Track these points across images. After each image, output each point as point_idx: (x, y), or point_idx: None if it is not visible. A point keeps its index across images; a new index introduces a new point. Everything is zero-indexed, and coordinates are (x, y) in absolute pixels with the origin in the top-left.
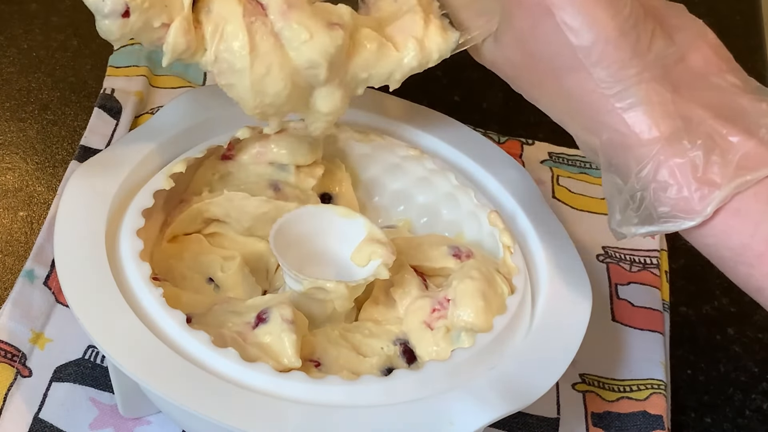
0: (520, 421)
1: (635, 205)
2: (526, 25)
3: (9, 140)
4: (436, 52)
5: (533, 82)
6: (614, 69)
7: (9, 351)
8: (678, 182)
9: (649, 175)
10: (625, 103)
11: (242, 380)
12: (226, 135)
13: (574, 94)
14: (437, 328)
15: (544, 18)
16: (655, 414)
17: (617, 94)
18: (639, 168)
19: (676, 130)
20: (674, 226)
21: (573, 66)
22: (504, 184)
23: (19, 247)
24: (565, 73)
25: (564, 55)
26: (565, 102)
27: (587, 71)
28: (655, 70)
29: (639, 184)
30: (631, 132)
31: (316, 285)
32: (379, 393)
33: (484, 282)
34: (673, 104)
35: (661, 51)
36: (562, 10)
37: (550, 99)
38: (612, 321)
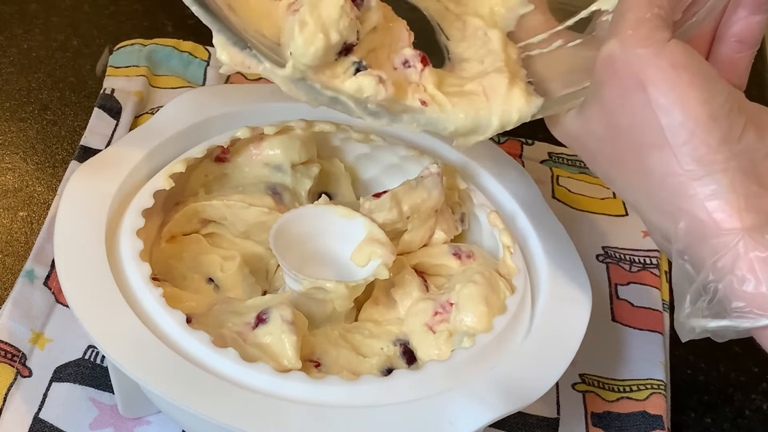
0: (520, 421)
1: (707, 297)
2: (617, 97)
3: (9, 140)
4: (516, 114)
5: (613, 158)
6: (701, 153)
7: (9, 351)
8: (757, 277)
9: (726, 267)
10: (709, 190)
11: (242, 380)
12: (226, 135)
13: (655, 174)
14: (439, 332)
15: (636, 92)
16: (655, 414)
17: (701, 179)
18: (716, 258)
19: (759, 223)
20: (749, 323)
21: (658, 144)
22: (504, 184)
23: (19, 247)
24: (649, 150)
25: (651, 132)
26: (644, 182)
27: (672, 151)
28: (743, 162)
29: (714, 275)
30: (711, 220)
31: (315, 285)
32: (379, 393)
33: (487, 287)
34: (759, 197)
35: (752, 144)
36: (655, 85)
37: (629, 177)
38: (612, 321)
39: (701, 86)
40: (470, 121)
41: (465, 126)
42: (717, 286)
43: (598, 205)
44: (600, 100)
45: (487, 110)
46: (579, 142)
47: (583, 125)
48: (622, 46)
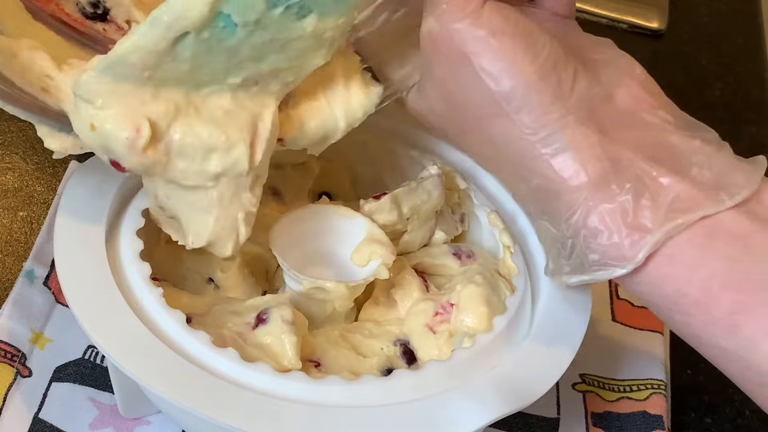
0: (520, 421)
1: (566, 252)
2: (446, 73)
3: (9, 140)
4: (360, 111)
5: (458, 132)
6: (537, 114)
7: (9, 351)
8: (608, 228)
9: (579, 222)
10: (551, 149)
11: (242, 380)
12: None
13: (499, 142)
14: (440, 333)
15: (463, 65)
16: (655, 414)
17: (542, 139)
18: (568, 215)
19: (604, 174)
20: (606, 274)
21: (495, 113)
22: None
23: (19, 247)
24: (488, 120)
25: (486, 103)
26: (491, 150)
27: (510, 118)
28: (579, 113)
29: (569, 232)
30: (558, 177)
31: (315, 285)
32: (379, 393)
33: (488, 288)
34: (601, 147)
35: (585, 92)
36: (479, 56)
37: (477, 148)
38: (612, 321)
39: (524, 47)
40: (321, 132)
41: (317, 137)
42: (573, 241)
43: None
44: (432, 78)
45: (332, 116)
46: (426, 119)
47: (424, 104)
48: (439, 22)
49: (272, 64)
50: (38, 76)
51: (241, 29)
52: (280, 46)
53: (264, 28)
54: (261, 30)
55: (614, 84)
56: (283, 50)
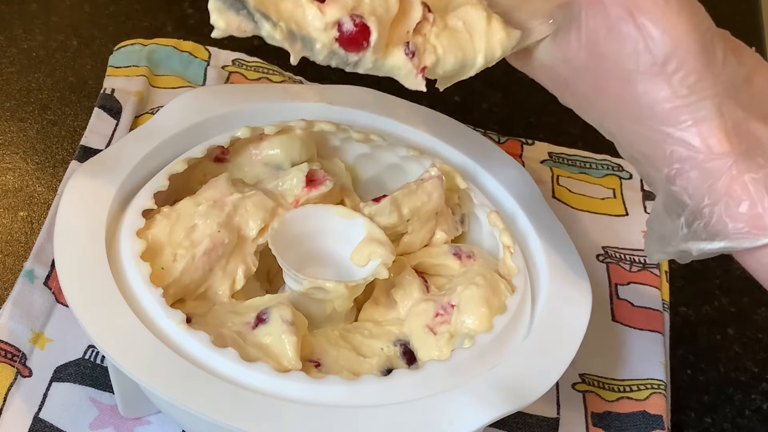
0: (520, 421)
1: (703, 220)
2: (601, 25)
3: (9, 140)
4: (499, 50)
5: (592, 87)
6: (692, 80)
7: (9, 351)
8: (751, 198)
9: (721, 190)
10: (699, 116)
11: (242, 380)
12: (226, 135)
13: (643, 102)
14: (440, 333)
15: (624, 20)
16: (655, 414)
17: (690, 105)
18: (711, 182)
19: (749, 146)
20: (748, 243)
21: (648, 72)
22: (504, 184)
23: (19, 247)
24: (637, 77)
25: (639, 59)
26: (629, 109)
27: (663, 79)
28: (728, 87)
29: (710, 199)
30: (702, 145)
31: (315, 285)
32: (379, 393)
33: (488, 289)
34: (743, 123)
35: (733, 70)
36: (645, 14)
37: (611, 104)
38: (612, 321)
39: (689, 14)
40: (459, 63)
41: (453, 68)
42: (713, 209)
43: (598, 205)
44: (580, 28)
45: (472, 49)
46: (553, 71)
47: (560, 54)
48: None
49: None
50: None
51: None
52: None
53: None
54: None
55: (753, 68)
56: None
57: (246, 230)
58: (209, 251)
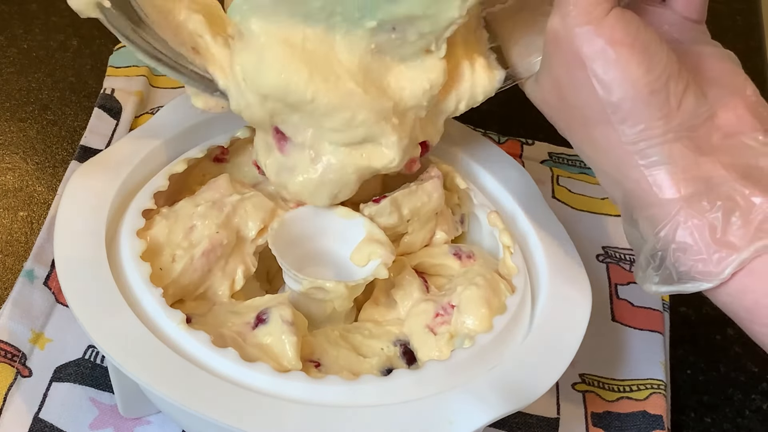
0: (520, 421)
1: (656, 264)
2: (563, 72)
3: (9, 140)
4: (481, 94)
5: (565, 127)
6: (640, 128)
7: (9, 351)
8: (697, 244)
9: (669, 236)
10: (648, 161)
11: (242, 380)
12: (226, 135)
13: (600, 145)
14: (440, 334)
15: (578, 68)
16: (655, 414)
17: (640, 151)
18: (659, 228)
19: (697, 191)
20: (693, 287)
21: (600, 118)
22: (504, 184)
23: (19, 247)
24: (593, 123)
25: (593, 107)
26: (593, 151)
27: (613, 126)
28: (682, 130)
29: (659, 244)
30: (651, 189)
31: (315, 285)
32: (379, 393)
33: (488, 290)
34: (696, 165)
35: (691, 109)
36: (594, 62)
37: (580, 146)
38: (612, 321)
39: (639, 60)
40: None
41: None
42: (663, 254)
43: (598, 205)
44: (549, 72)
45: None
46: (538, 107)
47: (540, 94)
48: (563, 22)
49: (408, 9)
50: (190, 36)
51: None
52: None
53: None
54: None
55: (720, 103)
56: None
57: (245, 231)
58: (208, 252)
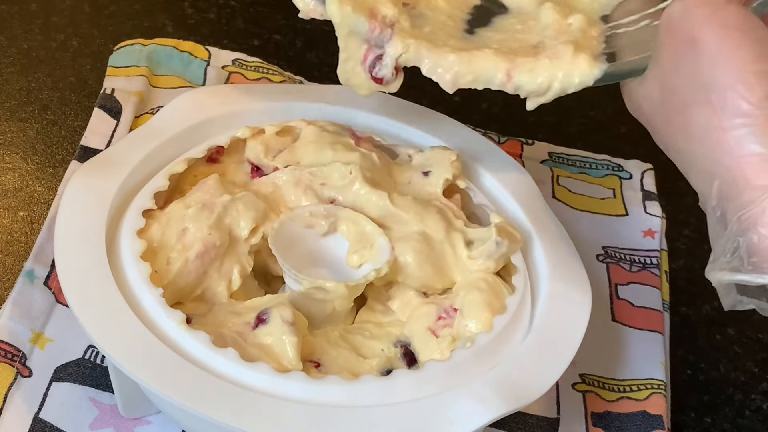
0: (520, 421)
1: (730, 249)
2: (670, 57)
3: (9, 140)
4: (577, 77)
5: (664, 119)
6: (742, 109)
7: (9, 351)
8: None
9: (749, 221)
10: (745, 147)
11: (242, 380)
12: (226, 135)
13: (698, 131)
14: (442, 337)
15: (687, 50)
16: (655, 414)
17: (738, 135)
18: (742, 213)
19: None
20: (762, 279)
21: (702, 100)
22: (504, 184)
23: (19, 247)
24: (693, 107)
25: (696, 89)
26: (688, 139)
27: (713, 107)
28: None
29: (738, 229)
30: (742, 175)
31: (315, 285)
32: (379, 393)
33: (491, 293)
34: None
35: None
36: (704, 43)
37: (676, 137)
38: (612, 321)
39: (750, 47)
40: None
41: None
42: (739, 240)
43: (598, 205)
44: (657, 62)
45: (548, 73)
46: (642, 110)
47: (642, 89)
48: (683, 6)
49: None
50: None
51: None
52: None
53: None
54: None
55: None
56: None
57: (237, 231)
58: (202, 254)
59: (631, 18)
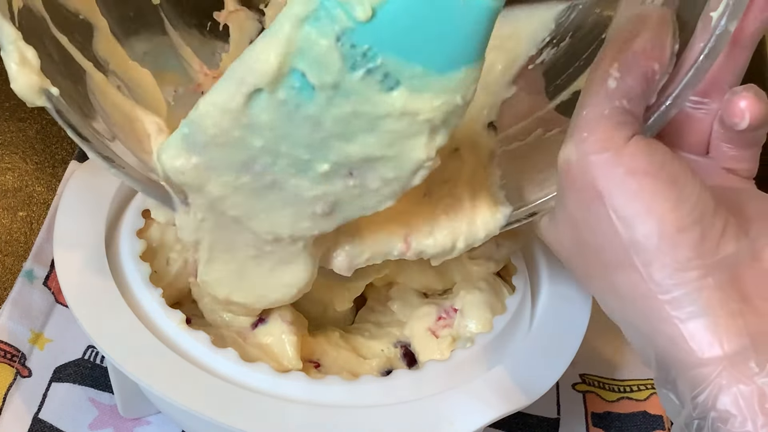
0: (520, 421)
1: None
2: (577, 208)
3: (9, 140)
4: (482, 231)
5: (583, 273)
6: (670, 270)
7: (9, 351)
8: (742, 414)
9: (708, 402)
10: (684, 312)
11: (242, 380)
12: None
13: (624, 295)
14: (443, 337)
15: (594, 203)
16: (656, 414)
17: (673, 300)
18: (696, 392)
19: (743, 349)
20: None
21: (623, 261)
22: None
23: (18, 247)
24: (614, 268)
25: (613, 248)
26: (616, 301)
27: (638, 270)
28: (722, 274)
29: (696, 411)
30: (687, 347)
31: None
32: (379, 393)
33: (492, 294)
34: (741, 317)
35: (732, 249)
36: (613, 195)
37: (601, 295)
38: (612, 321)
39: (666, 192)
40: (436, 250)
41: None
42: (700, 423)
43: None
44: (563, 209)
45: (451, 234)
46: (554, 250)
47: (554, 234)
48: (577, 150)
49: (363, 148)
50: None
51: (320, 93)
52: (368, 123)
53: (345, 96)
54: (342, 97)
55: (764, 241)
56: (373, 130)
57: None
58: None
59: (521, 125)
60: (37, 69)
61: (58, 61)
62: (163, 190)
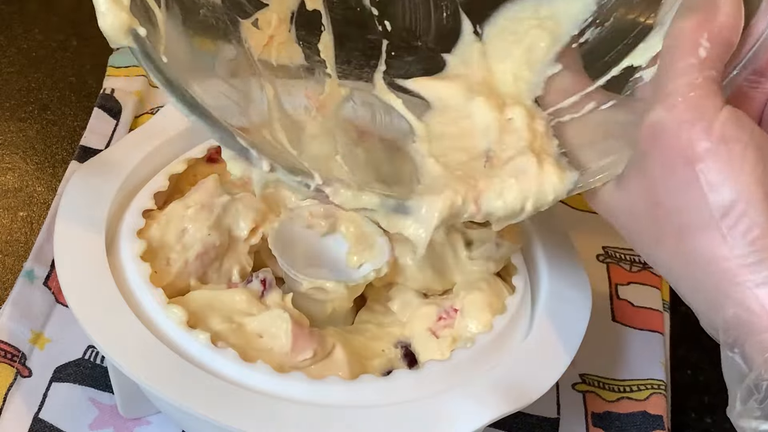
0: (520, 421)
1: (760, 396)
2: (661, 172)
3: (9, 140)
4: (551, 194)
5: (652, 238)
6: (753, 236)
7: (9, 351)
8: None
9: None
10: (761, 277)
11: (242, 380)
12: None
13: (699, 258)
14: (443, 337)
15: (683, 168)
16: (655, 414)
17: (751, 264)
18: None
19: None
20: None
21: (704, 225)
22: None
23: (19, 247)
24: (693, 231)
25: (697, 213)
26: (687, 266)
27: (721, 233)
28: None
29: (767, 373)
30: (762, 310)
31: (315, 285)
32: (379, 393)
33: (492, 294)
34: None
35: None
36: (705, 162)
37: (670, 260)
38: (612, 321)
39: (753, 161)
40: (506, 211)
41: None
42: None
43: None
44: (642, 173)
45: (520, 194)
46: (618, 217)
47: (623, 200)
48: (671, 115)
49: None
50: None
51: None
52: None
53: None
54: None
55: None
56: None
57: (237, 231)
58: (201, 255)
59: (571, 100)
60: (126, 7)
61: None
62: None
